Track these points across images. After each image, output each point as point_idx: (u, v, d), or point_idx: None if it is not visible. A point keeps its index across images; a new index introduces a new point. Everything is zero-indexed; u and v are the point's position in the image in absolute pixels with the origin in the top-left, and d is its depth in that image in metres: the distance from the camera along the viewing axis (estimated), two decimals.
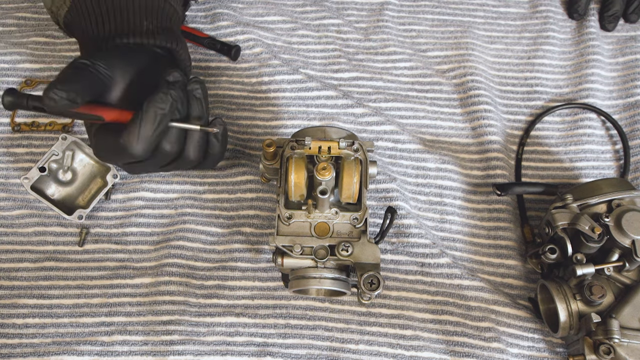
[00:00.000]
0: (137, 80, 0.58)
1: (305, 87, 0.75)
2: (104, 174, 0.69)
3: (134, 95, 0.57)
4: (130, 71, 0.58)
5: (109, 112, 0.55)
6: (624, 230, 0.57)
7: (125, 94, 0.57)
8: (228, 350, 0.62)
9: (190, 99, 0.58)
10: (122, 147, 0.54)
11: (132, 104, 0.56)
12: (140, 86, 0.58)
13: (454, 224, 0.69)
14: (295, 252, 0.55)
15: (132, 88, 0.58)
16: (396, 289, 0.66)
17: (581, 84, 0.76)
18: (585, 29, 0.79)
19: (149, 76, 0.59)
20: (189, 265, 0.66)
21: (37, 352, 0.62)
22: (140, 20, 0.61)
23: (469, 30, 0.80)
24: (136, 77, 0.58)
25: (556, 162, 0.73)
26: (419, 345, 0.63)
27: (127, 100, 0.57)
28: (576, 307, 0.57)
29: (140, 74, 0.59)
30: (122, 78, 0.57)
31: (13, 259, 0.67)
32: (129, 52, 0.60)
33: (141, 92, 0.56)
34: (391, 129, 0.73)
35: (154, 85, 0.57)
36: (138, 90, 0.57)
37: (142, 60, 0.60)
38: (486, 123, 0.73)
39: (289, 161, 0.56)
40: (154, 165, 0.59)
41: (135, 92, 0.57)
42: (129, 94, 0.57)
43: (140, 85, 0.58)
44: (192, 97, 0.58)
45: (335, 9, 0.82)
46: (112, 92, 0.57)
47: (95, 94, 0.55)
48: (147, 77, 0.59)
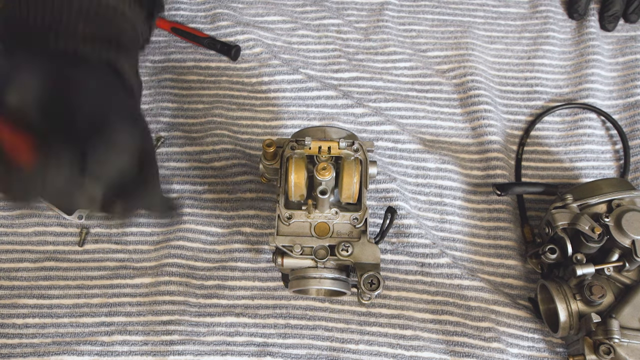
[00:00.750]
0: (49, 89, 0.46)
1: (305, 87, 0.75)
2: None
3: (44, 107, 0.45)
4: (43, 73, 0.47)
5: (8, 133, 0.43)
6: (624, 230, 0.57)
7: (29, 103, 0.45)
8: (228, 350, 0.62)
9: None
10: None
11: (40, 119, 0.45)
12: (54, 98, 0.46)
13: (454, 224, 0.69)
14: (295, 252, 0.55)
15: (38, 94, 0.45)
16: (396, 289, 0.66)
17: (581, 84, 0.76)
18: (585, 29, 0.79)
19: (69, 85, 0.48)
20: (189, 265, 0.66)
21: (37, 352, 0.62)
22: (76, 24, 0.53)
23: (469, 30, 0.80)
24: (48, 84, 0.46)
25: (556, 162, 0.73)
26: (419, 345, 0.63)
27: (28, 109, 0.45)
28: (576, 307, 0.57)
29: (56, 81, 0.47)
30: (27, 76, 0.46)
31: (13, 259, 0.67)
32: (54, 58, 0.50)
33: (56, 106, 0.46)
34: (391, 129, 0.73)
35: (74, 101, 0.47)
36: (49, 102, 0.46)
37: (66, 66, 0.49)
38: (486, 123, 0.73)
39: (289, 161, 0.56)
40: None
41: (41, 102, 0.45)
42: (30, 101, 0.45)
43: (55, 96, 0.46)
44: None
45: (335, 9, 0.82)
46: (8, 92, 0.44)
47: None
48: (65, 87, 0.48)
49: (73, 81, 0.49)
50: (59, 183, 0.42)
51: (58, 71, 0.49)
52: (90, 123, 0.47)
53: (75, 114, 0.47)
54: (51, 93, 0.46)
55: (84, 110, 0.48)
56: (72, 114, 0.47)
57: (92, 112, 0.48)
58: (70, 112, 0.47)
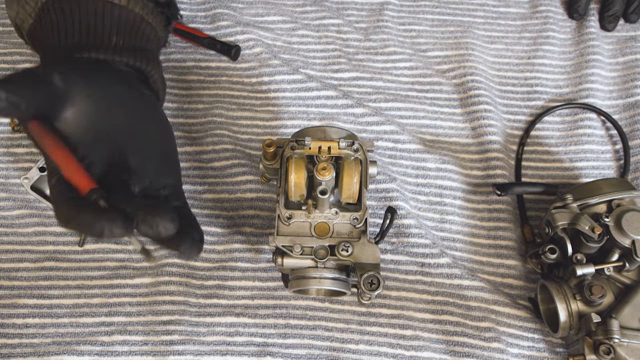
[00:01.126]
0: (97, 102, 0.51)
1: (305, 87, 0.75)
2: None
3: (93, 121, 0.51)
4: (91, 89, 0.51)
5: (73, 170, 0.48)
6: (624, 230, 0.57)
7: (81, 116, 0.50)
8: (228, 350, 0.62)
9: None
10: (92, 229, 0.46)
11: (90, 132, 0.50)
12: (101, 110, 0.51)
13: (454, 224, 0.69)
14: (295, 252, 0.55)
15: (90, 110, 0.51)
16: (396, 289, 0.66)
17: (581, 84, 0.76)
18: (585, 29, 0.79)
19: (113, 98, 0.53)
20: (189, 265, 0.66)
21: (37, 352, 0.62)
22: (110, 35, 0.56)
23: (469, 30, 0.80)
24: (97, 97, 0.51)
25: (556, 162, 0.73)
26: (419, 345, 0.63)
27: (82, 124, 0.50)
28: (576, 307, 0.57)
29: (102, 96, 0.52)
30: (80, 95, 0.50)
31: (13, 259, 0.67)
32: (92, 67, 0.53)
33: (102, 118, 0.51)
34: (391, 129, 0.73)
35: (118, 111, 0.51)
36: (99, 116, 0.51)
37: (107, 78, 0.53)
38: (486, 123, 0.73)
39: (289, 161, 0.56)
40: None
41: (94, 117, 0.51)
42: (85, 117, 0.50)
43: (101, 109, 0.51)
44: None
45: (335, 9, 0.82)
46: (65, 110, 0.50)
47: (45, 107, 0.48)
48: (111, 101, 0.52)
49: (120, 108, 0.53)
50: (112, 235, 0.46)
51: (103, 83, 0.52)
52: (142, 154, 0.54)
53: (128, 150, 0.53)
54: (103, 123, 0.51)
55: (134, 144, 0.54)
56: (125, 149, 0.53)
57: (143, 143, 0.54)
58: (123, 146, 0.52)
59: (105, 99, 0.52)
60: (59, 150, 0.49)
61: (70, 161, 0.49)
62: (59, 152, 0.49)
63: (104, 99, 0.52)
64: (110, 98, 0.53)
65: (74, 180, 0.48)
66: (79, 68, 0.53)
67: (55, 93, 0.49)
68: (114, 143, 0.53)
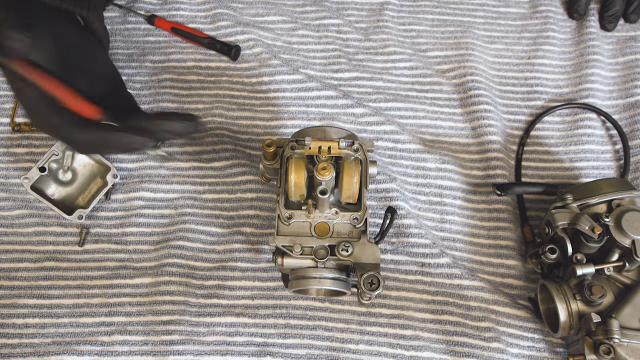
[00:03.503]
0: (57, 42, 0.56)
1: (305, 87, 0.75)
2: (104, 174, 0.69)
3: (59, 54, 0.55)
4: (51, 27, 0.56)
5: (75, 98, 0.54)
6: (624, 230, 0.57)
7: (48, 52, 0.55)
8: (228, 350, 0.62)
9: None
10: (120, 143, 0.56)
11: (63, 70, 0.55)
12: (63, 50, 0.56)
13: (454, 224, 0.69)
14: (295, 252, 0.55)
15: (53, 46, 0.55)
16: (396, 289, 0.66)
17: (581, 84, 0.76)
18: (585, 29, 0.79)
19: (67, 37, 0.58)
20: (189, 265, 0.66)
21: (37, 352, 0.62)
22: None
23: (469, 30, 0.80)
24: (55, 35, 0.56)
25: (556, 162, 0.73)
26: (419, 345, 0.63)
27: (52, 60, 0.55)
28: (576, 307, 0.57)
29: (58, 32, 0.57)
30: (44, 35, 0.55)
31: (13, 259, 0.67)
32: (43, 9, 0.57)
33: (68, 57, 0.56)
34: (391, 129, 0.73)
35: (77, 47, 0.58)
36: (64, 55, 0.56)
37: (61, 21, 0.58)
38: (486, 123, 0.73)
39: (289, 161, 0.56)
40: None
41: (58, 51, 0.56)
42: (52, 52, 0.55)
43: (64, 48, 0.56)
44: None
45: (335, 9, 0.82)
46: (40, 47, 0.54)
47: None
48: (65, 38, 0.57)
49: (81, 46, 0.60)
50: (146, 147, 0.57)
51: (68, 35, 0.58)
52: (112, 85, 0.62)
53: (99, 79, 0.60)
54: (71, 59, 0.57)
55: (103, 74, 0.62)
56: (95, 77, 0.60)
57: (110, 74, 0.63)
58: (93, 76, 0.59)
59: (62, 37, 0.57)
60: (54, 83, 0.53)
61: (70, 91, 0.54)
62: (55, 84, 0.53)
63: (60, 36, 0.57)
64: (65, 37, 0.58)
65: (78, 108, 0.54)
66: (30, 14, 0.55)
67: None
68: (79, 75, 0.57)
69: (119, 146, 0.57)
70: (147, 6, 0.80)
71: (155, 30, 0.79)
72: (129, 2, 0.80)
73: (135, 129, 0.56)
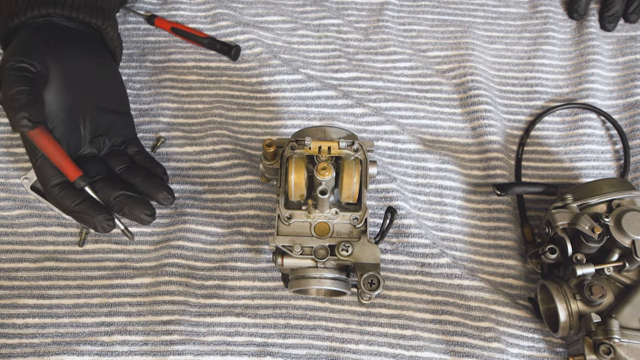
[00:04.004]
0: (65, 77, 0.60)
1: (305, 87, 0.75)
2: None
3: (65, 97, 0.60)
4: (60, 64, 0.60)
5: (62, 161, 0.58)
6: (624, 230, 0.57)
7: (55, 95, 0.59)
8: (228, 350, 0.62)
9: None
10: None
11: (64, 108, 0.60)
12: (69, 84, 0.60)
13: (454, 224, 0.69)
14: (295, 252, 0.55)
15: (61, 87, 0.60)
16: (396, 289, 0.66)
17: (581, 84, 0.76)
18: (585, 29, 0.79)
19: (78, 69, 0.61)
20: (189, 265, 0.66)
21: (37, 352, 0.62)
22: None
23: (469, 30, 0.80)
24: (65, 71, 0.60)
25: (556, 162, 0.73)
26: (419, 345, 0.63)
27: (57, 103, 0.59)
28: (576, 307, 0.57)
29: (69, 68, 0.60)
30: (53, 74, 0.59)
31: (13, 259, 0.67)
32: (57, 40, 0.61)
33: (71, 91, 0.60)
34: (391, 129, 0.73)
35: (83, 80, 0.61)
36: (69, 90, 0.60)
37: (71, 47, 0.61)
38: (486, 123, 0.73)
39: (289, 161, 0.56)
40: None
41: (66, 92, 0.60)
42: (59, 95, 0.60)
43: (69, 82, 0.60)
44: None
45: (335, 9, 0.82)
46: (46, 88, 0.59)
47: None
48: (76, 71, 0.61)
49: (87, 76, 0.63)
50: (104, 231, 0.61)
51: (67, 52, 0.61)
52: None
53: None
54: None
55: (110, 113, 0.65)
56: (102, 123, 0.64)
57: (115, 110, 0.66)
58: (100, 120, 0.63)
59: (72, 71, 0.61)
60: (46, 140, 0.57)
61: (60, 152, 0.58)
62: (46, 142, 0.57)
63: (71, 71, 0.61)
64: (76, 69, 0.61)
65: (62, 167, 0.58)
66: (47, 43, 0.60)
67: (42, 81, 0.58)
68: (84, 114, 0.62)
69: (78, 219, 0.60)
70: (147, 6, 0.80)
71: (155, 30, 0.79)
72: (129, 2, 0.80)
73: (97, 206, 0.59)
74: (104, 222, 0.59)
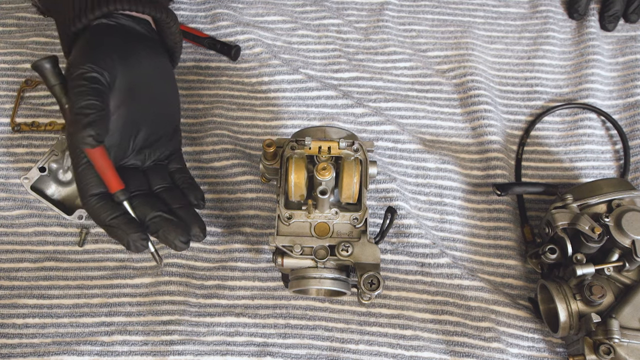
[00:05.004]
0: (129, 87, 0.57)
1: (305, 87, 0.75)
2: None
3: (125, 108, 0.57)
4: (124, 73, 0.57)
5: (107, 170, 0.55)
6: (624, 230, 0.57)
7: (117, 107, 0.57)
8: (228, 350, 0.62)
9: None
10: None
11: (122, 120, 0.57)
12: (130, 95, 0.58)
13: (454, 224, 0.69)
14: (295, 252, 0.55)
15: (123, 97, 0.57)
16: (396, 289, 0.66)
17: (581, 84, 0.76)
18: (586, 29, 0.79)
19: (140, 79, 0.59)
20: (189, 265, 0.66)
21: (37, 352, 0.62)
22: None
23: (469, 30, 0.80)
24: (128, 82, 0.57)
25: (556, 162, 0.73)
26: (419, 345, 0.63)
27: (123, 107, 0.57)
28: (576, 307, 0.57)
29: (132, 79, 0.58)
30: (121, 86, 0.57)
31: (13, 259, 0.67)
32: (119, 41, 0.58)
33: (131, 104, 0.57)
34: (391, 129, 0.73)
35: (143, 91, 0.58)
36: (129, 102, 0.58)
37: (134, 53, 0.59)
38: (486, 123, 0.73)
39: (289, 161, 0.56)
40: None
41: (126, 104, 0.57)
42: (120, 106, 0.57)
43: (131, 94, 0.58)
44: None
45: (335, 9, 0.82)
46: (110, 98, 0.56)
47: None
48: (138, 82, 0.59)
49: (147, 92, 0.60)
50: (137, 250, 0.57)
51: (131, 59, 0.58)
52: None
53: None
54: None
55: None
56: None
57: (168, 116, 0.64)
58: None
59: (137, 82, 0.58)
60: (104, 159, 0.55)
61: (104, 160, 0.55)
62: (95, 150, 0.54)
63: (136, 81, 0.58)
64: (141, 79, 0.59)
65: (105, 178, 0.55)
66: (115, 49, 0.57)
67: (109, 91, 0.55)
68: (139, 125, 0.59)
69: (110, 233, 0.57)
70: None
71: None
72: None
73: (133, 223, 0.56)
74: (138, 241, 0.55)
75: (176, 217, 0.58)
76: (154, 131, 0.61)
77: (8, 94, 0.73)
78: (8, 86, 0.73)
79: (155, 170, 0.61)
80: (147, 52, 0.61)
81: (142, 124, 0.59)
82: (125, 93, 0.57)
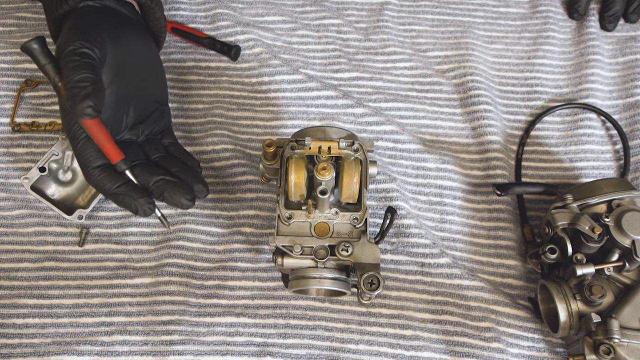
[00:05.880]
0: (117, 62, 0.60)
1: (305, 87, 0.75)
2: None
3: (114, 82, 0.60)
4: (117, 50, 0.59)
5: (107, 143, 0.57)
6: (624, 230, 0.57)
7: (113, 75, 0.59)
8: (228, 350, 0.62)
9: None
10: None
11: (113, 93, 0.59)
12: (120, 70, 0.60)
13: (454, 224, 0.69)
14: (295, 252, 0.55)
15: (113, 71, 0.60)
16: (396, 289, 0.66)
17: (581, 84, 0.76)
18: (585, 29, 0.79)
19: (127, 56, 0.61)
20: (189, 265, 0.66)
21: (37, 352, 0.62)
22: None
23: (469, 30, 0.80)
24: (117, 57, 0.60)
25: (556, 162, 0.73)
26: (419, 345, 0.63)
27: (115, 82, 0.59)
28: (576, 307, 0.57)
29: (120, 54, 0.60)
30: (112, 61, 0.59)
31: (13, 259, 0.67)
32: (108, 21, 0.61)
33: (121, 78, 0.60)
34: (391, 129, 0.73)
35: (131, 68, 0.61)
36: (119, 77, 0.60)
37: (122, 31, 0.61)
38: (486, 123, 0.73)
39: (289, 161, 0.56)
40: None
41: (116, 78, 0.60)
42: (110, 80, 0.59)
43: (120, 69, 0.60)
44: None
45: (335, 9, 0.82)
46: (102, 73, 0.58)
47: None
48: (126, 58, 0.61)
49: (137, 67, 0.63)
50: (144, 214, 0.59)
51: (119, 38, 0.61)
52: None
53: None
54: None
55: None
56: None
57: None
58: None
59: (126, 58, 0.61)
60: (94, 122, 0.56)
61: (103, 133, 0.57)
62: (94, 124, 0.56)
63: (125, 58, 0.60)
64: (129, 56, 0.61)
65: (105, 150, 0.57)
66: (104, 28, 0.59)
67: (101, 67, 0.57)
68: (130, 101, 0.62)
69: (117, 203, 0.59)
70: None
71: None
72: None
73: (138, 189, 0.59)
74: (145, 205, 0.58)
75: (177, 179, 0.61)
76: (145, 108, 0.63)
77: (8, 94, 0.74)
78: (8, 86, 0.73)
79: (149, 143, 0.64)
80: (134, 33, 0.63)
81: (133, 100, 0.62)
82: (115, 70, 0.59)
